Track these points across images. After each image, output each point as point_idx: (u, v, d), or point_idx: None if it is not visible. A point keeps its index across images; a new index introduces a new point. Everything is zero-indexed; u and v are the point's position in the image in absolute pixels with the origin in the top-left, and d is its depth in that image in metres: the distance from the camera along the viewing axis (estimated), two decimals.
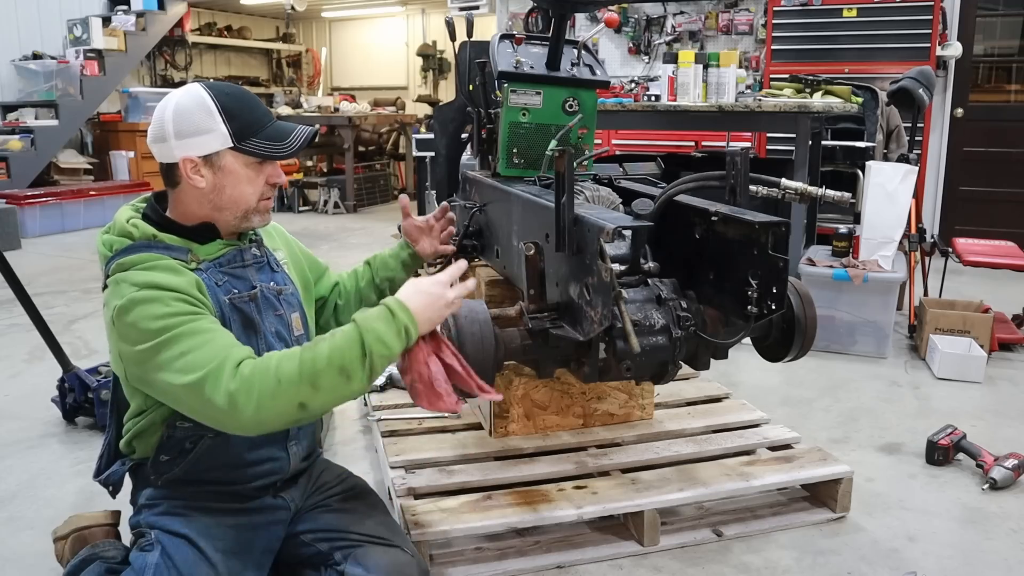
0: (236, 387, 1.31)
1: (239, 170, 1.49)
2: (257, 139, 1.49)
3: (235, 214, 1.52)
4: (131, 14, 7.91)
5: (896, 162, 3.73)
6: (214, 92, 1.47)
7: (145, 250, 1.45)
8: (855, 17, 5.28)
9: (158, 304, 1.36)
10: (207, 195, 1.49)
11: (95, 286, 4.81)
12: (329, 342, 1.37)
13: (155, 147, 1.49)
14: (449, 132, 2.76)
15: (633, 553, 1.93)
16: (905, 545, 2.00)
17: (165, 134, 1.46)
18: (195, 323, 1.37)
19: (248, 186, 1.51)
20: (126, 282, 1.40)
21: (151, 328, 1.35)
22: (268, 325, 1.56)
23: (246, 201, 1.51)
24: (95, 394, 2.62)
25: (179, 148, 1.46)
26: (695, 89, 3.97)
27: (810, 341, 1.82)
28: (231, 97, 1.48)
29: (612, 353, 1.65)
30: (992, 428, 2.71)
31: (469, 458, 2.17)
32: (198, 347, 1.35)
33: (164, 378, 1.35)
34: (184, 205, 1.51)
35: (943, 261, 3.90)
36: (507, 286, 2.26)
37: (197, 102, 1.46)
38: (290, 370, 1.33)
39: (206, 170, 1.47)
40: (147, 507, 1.57)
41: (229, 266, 1.54)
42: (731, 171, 1.63)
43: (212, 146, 1.46)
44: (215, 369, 1.33)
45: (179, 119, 1.45)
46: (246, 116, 1.48)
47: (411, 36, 10.47)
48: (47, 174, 7.21)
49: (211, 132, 1.45)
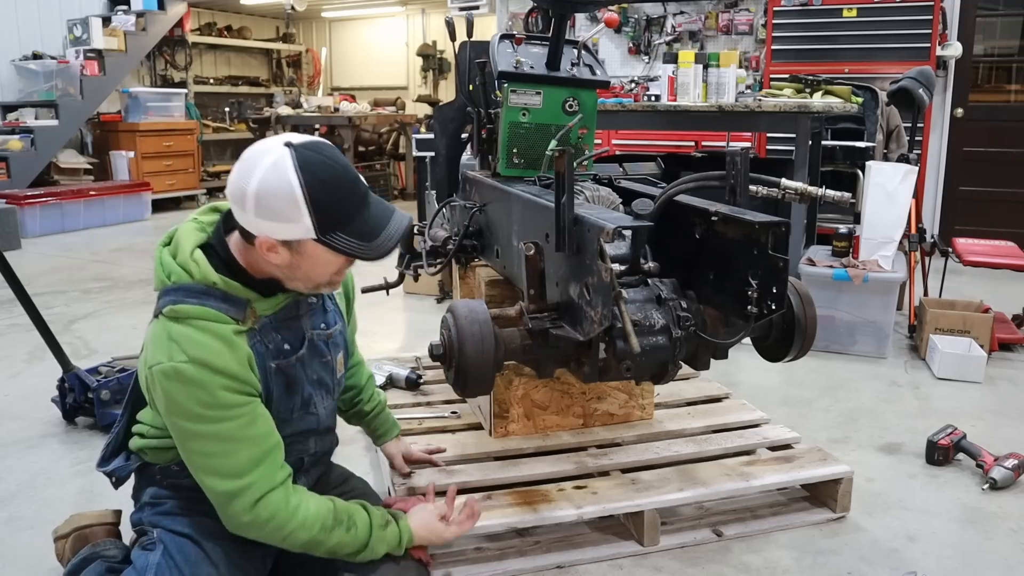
0: (248, 521, 1.42)
1: (320, 256, 1.39)
2: (344, 235, 1.36)
3: (306, 286, 1.48)
4: (131, 14, 7.90)
5: (896, 162, 3.73)
6: (304, 176, 1.32)
7: (204, 300, 1.39)
8: (855, 17, 5.28)
9: (203, 391, 1.36)
10: (281, 268, 1.42)
11: (95, 286, 4.81)
12: (340, 536, 1.48)
13: (233, 206, 1.39)
14: (449, 132, 2.76)
15: (633, 553, 1.93)
16: (905, 545, 2.00)
17: (244, 205, 1.34)
18: (230, 424, 1.39)
19: (325, 268, 1.43)
20: (178, 343, 1.36)
21: (190, 412, 1.37)
22: (311, 374, 1.57)
23: (321, 278, 1.46)
24: (95, 394, 2.62)
25: (257, 226, 1.36)
26: (695, 89, 3.97)
27: (810, 341, 1.82)
28: (323, 184, 1.33)
29: (612, 353, 1.65)
30: (992, 428, 2.71)
31: (469, 458, 2.17)
32: (226, 455, 1.39)
33: (186, 456, 1.43)
34: (255, 261, 1.44)
35: (943, 261, 3.90)
36: (507, 286, 2.26)
37: (284, 188, 1.31)
38: (299, 539, 1.45)
39: (283, 250, 1.38)
40: (150, 505, 1.57)
41: (284, 320, 1.51)
42: (731, 171, 1.63)
43: (293, 235, 1.35)
44: (235, 492, 1.40)
45: (261, 200, 1.32)
46: (335, 208, 1.35)
47: (411, 36, 10.46)
48: (47, 174, 7.21)
49: (294, 223, 1.33)
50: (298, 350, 1.53)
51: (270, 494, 1.41)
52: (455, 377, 1.81)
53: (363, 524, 1.52)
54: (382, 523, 1.55)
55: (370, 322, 3.92)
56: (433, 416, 2.45)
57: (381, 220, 1.42)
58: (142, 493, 1.61)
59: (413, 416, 2.43)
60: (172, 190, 8.09)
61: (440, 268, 2.38)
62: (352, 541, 1.49)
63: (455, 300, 1.97)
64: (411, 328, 4.05)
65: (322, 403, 1.62)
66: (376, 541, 1.53)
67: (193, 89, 8.96)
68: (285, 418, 1.53)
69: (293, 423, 1.56)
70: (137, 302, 4.43)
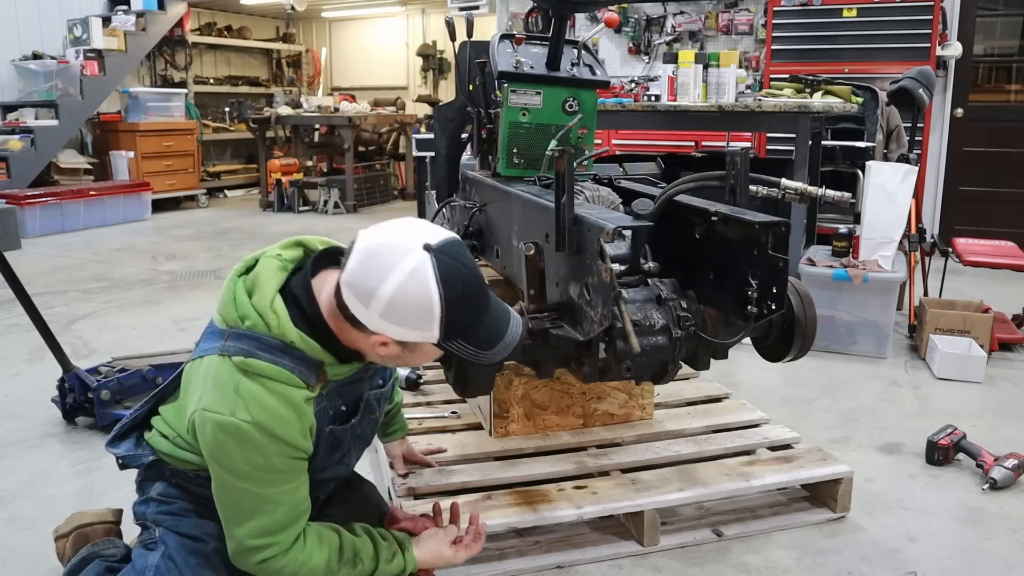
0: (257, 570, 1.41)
1: (431, 353, 1.39)
2: (463, 342, 1.36)
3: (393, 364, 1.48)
4: (131, 14, 7.90)
5: (896, 162, 3.73)
6: (445, 290, 1.28)
7: (279, 358, 1.34)
8: (855, 17, 5.28)
9: (258, 454, 1.33)
10: (383, 358, 1.39)
11: (95, 286, 4.81)
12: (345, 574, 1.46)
13: (350, 296, 1.31)
14: (449, 132, 2.76)
15: (633, 553, 1.93)
16: (905, 545, 2.00)
17: (370, 304, 1.29)
18: (274, 489, 1.38)
19: (428, 359, 1.44)
20: (244, 401, 1.32)
21: (238, 469, 1.35)
22: (357, 431, 1.57)
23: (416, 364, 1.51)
24: (95, 394, 2.62)
25: (379, 326, 1.31)
26: (695, 89, 3.97)
27: (810, 341, 1.82)
28: (461, 298, 1.31)
29: (612, 353, 1.65)
30: (992, 428, 2.71)
31: (469, 458, 2.17)
32: (262, 513, 1.38)
33: (220, 501, 1.41)
34: (350, 336, 1.37)
35: (943, 261, 3.90)
36: (507, 286, 2.25)
37: (424, 301, 1.28)
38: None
39: (396, 347, 1.35)
40: (157, 501, 1.55)
41: (349, 383, 1.50)
42: (731, 171, 1.63)
43: (415, 339, 1.33)
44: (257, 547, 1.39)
45: (395, 306, 1.28)
46: (463, 320, 1.34)
47: (411, 36, 10.46)
48: (47, 174, 7.21)
49: (422, 331, 1.32)
50: (354, 415, 1.54)
51: (283, 555, 1.40)
52: (455, 377, 1.81)
53: (369, 558, 1.50)
54: (388, 557, 1.53)
55: None
56: (433, 416, 2.45)
57: (499, 328, 1.40)
58: (150, 486, 1.58)
59: (413, 416, 2.42)
60: (172, 190, 8.09)
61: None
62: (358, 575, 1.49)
63: None
64: None
65: (356, 454, 1.63)
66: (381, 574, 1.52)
67: (193, 89, 8.97)
68: (318, 470, 1.51)
69: (324, 472, 1.54)
70: (137, 302, 4.43)
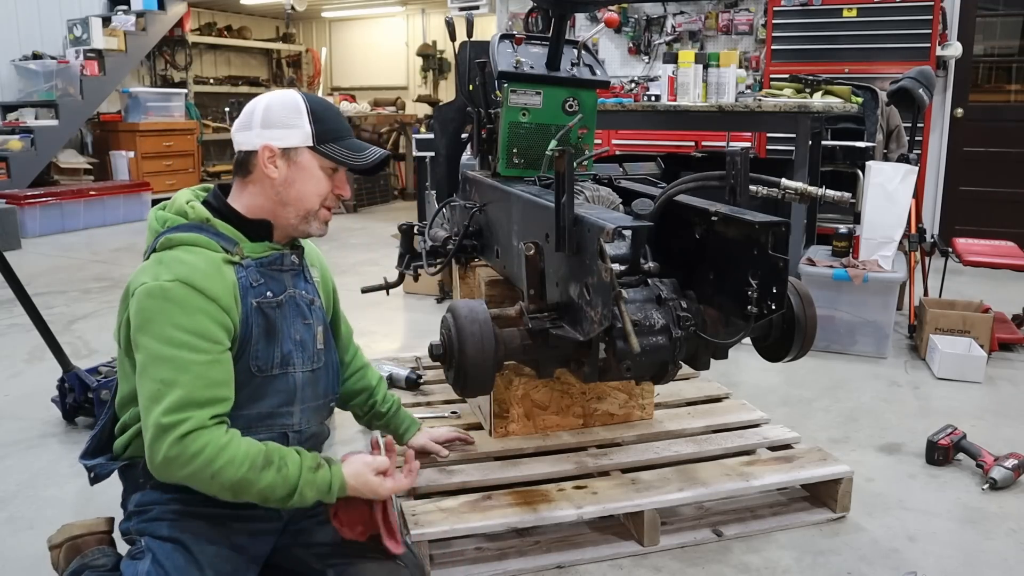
0: (175, 455, 1.37)
1: (313, 170, 1.55)
2: (336, 145, 1.56)
3: (297, 213, 1.57)
4: (131, 14, 7.90)
5: (896, 162, 3.73)
6: (306, 96, 1.56)
7: (197, 231, 1.49)
8: (855, 17, 5.28)
9: (181, 312, 1.40)
10: (276, 187, 1.54)
11: (95, 286, 4.81)
12: (272, 478, 1.42)
13: (238, 135, 1.56)
14: (449, 132, 2.76)
15: (633, 553, 1.93)
16: (905, 545, 2.00)
17: (252, 123, 1.54)
18: (194, 356, 1.40)
19: (316, 186, 1.56)
20: (165, 264, 1.43)
21: (161, 333, 1.39)
22: (292, 332, 1.57)
23: (310, 202, 1.57)
24: (95, 394, 2.62)
25: (261, 136, 1.53)
26: (695, 89, 3.97)
27: (810, 341, 1.82)
28: (321, 105, 1.58)
29: (612, 353, 1.65)
30: (992, 428, 2.71)
31: (469, 458, 2.16)
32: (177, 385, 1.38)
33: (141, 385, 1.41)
34: (250, 196, 1.56)
35: (943, 261, 3.90)
36: (507, 286, 2.26)
37: (289, 100, 1.55)
38: (227, 477, 1.39)
39: (281, 162, 1.53)
40: (137, 513, 1.55)
41: (269, 267, 1.56)
42: (731, 171, 1.63)
43: (293, 141, 1.53)
44: (170, 424, 1.36)
45: (268, 111, 1.54)
46: (331, 123, 1.56)
47: (411, 36, 10.46)
48: (47, 174, 7.21)
49: (295, 128, 1.53)
50: (279, 296, 1.56)
51: (202, 430, 1.38)
52: (455, 377, 1.81)
53: (294, 465, 1.45)
54: (313, 466, 1.48)
55: (370, 322, 3.92)
56: (433, 416, 2.45)
57: (363, 145, 1.63)
58: (128, 501, 1.59)
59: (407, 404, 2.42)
60: (172, 190, 8.00)
61: (440, 268, 2.38)
62: (282, 483, 1.43)
63: (455, 300, 1.97)
64: (411, 328, 4.05)
65: (302, 367, 1.59)
66: (305, 484, 1.45)
67: (193, 89, 8.96)
68: (265, 371, 1.52)
69: (275, 383, 1.54)
70: None
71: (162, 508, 1.54)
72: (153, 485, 1.54)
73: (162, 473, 1.39)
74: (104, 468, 1.61)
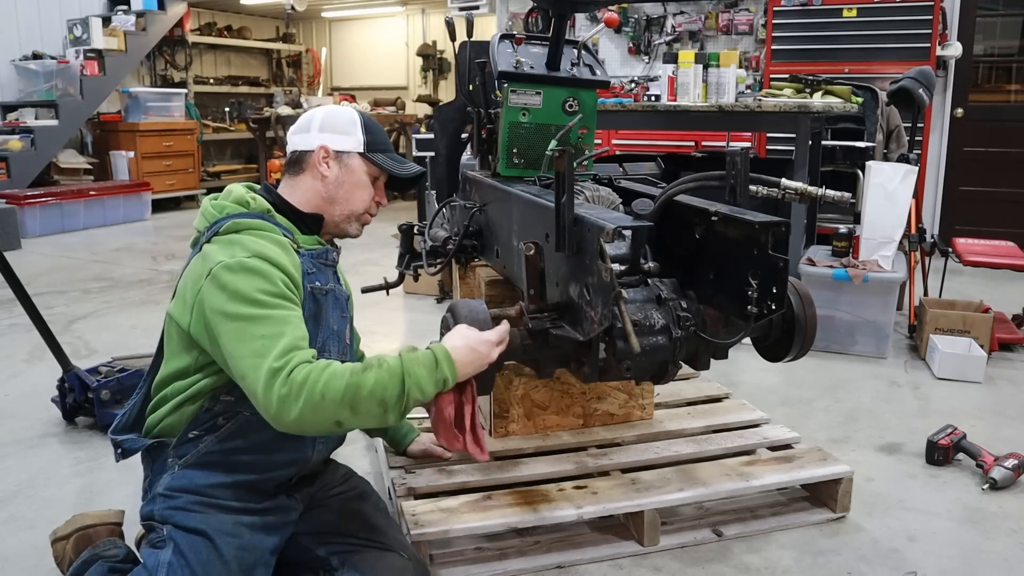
0: (286, 393, 1.37)
1: (360, 174, 1.71)
2: (383, 155, 1.73)
3: (343, 212, 1.70)
4: (131, 14, 7.90)
5: (896, 162, 3.73)
6: (360, 112, 1.75)
7: (260, 219, 1.59)
8: (855, 17, 5.28)
9: (264, 279, 1.47)
10: (327, 185, 1.68)
11: (95, 286, 4.81)
12: (375, 373, 1.42)
13: (295, 137, 1.72)
14: (449, 132, 2.75)
15: (633, 553, 1.93)
16: (905, 545, 2.00)
17: (311, 127, 1.70)
18: (286, 311, 1.47)
19: (361, 192, 1.71)
20: (239, 244, 1.52)
21: (250, 297, 1.45)
22: (332, 322, 1.67)
23: (355, 204, 1.71)
24: (95, 394, 2.62)
25: (320, 138, 1.68)
26: (695, 89, 3.97)
27: (810, 341, 1.82)
28: (372, 121, 1.75)
29: (612, 353, 1.65)
30: (992, 428, 2.71)
31: (469, 458, 2.16)
32: (279, 336, 1.42)
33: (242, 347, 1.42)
34: (302, 191, 1.69)
35: (943, 261, 3.90)
36: (507, 286, 2.25)
37: (345, 112, 1.73)
38: (335, 389, 1.38)
39: (334, 163, 1.68)
40: (163, 497, 1.55)
41: (318, 259, 1.66)
42: (731, 171, 1.63)
43: (347, 145, 1.69)
44: (278, 369, 1.38)
45: (327, 118, 1.71)
46: (379, 136, 1.74)
47: (411, 36, 10.46)
48: (47, 174, 7.21)
49: (350, 135, 1.70)
50: (326, 285, 1.66)
51: (304, 364, 1.40)
52: None
53: (391, 358, 1.46)
54: (409, 349, 1.50)
55: (370, 322, 3.92)
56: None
57: (404, 160, 1.78)
58: (155, 483, 1.59)
59: (413, 417, 2.42)
60: (172, 190, 8.09)
61: (440, 268, 2.38)
62: (389, 375, 1.42)
63: (455, 300, 1.96)
64: (411, 328, 4.05)
65: (335, 354, 1.66)
66: (410, 364, 1.45)
67: (193, 89, 8.96)
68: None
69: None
70: (137, 302, 4.43)
71: (190, 497, 1.54)
72: (183, 465, 1.56)
73: (281, 418, 1.38)
74: (133, 444, 1.62)
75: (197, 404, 1.56)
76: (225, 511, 1.54)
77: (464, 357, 1.52)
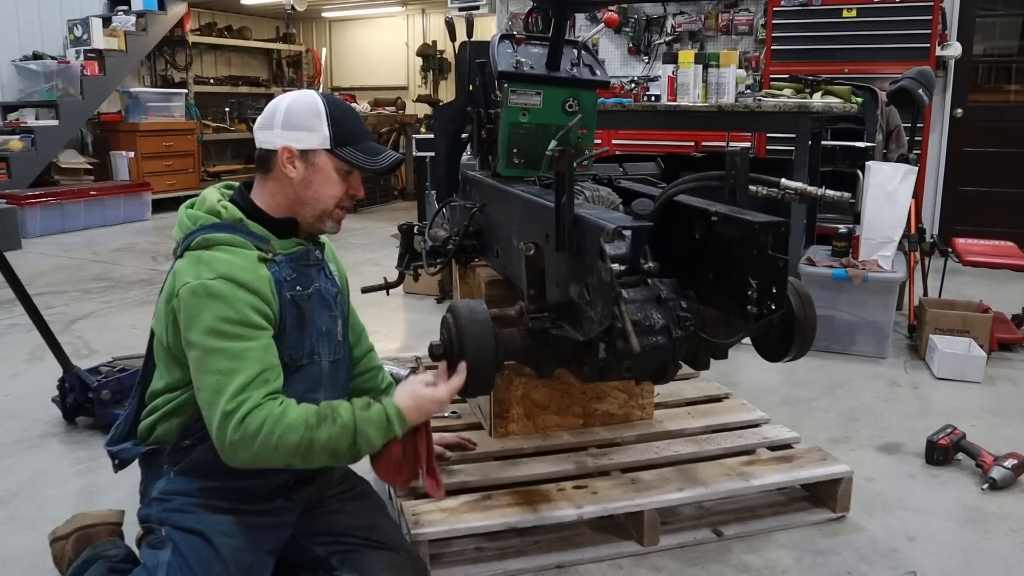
0: (238, 439, 1.42)
1: (328, 172, 1.60)
2: (352, 149, 1.61)
3: (313, 212, 1.62)
4: (131, 14, 7.90)
5: (896, 162, 3.73)
6: (326, 99, 1.61)
7: (231, 232, 1.55)
8: (855, 17, 5.27)
9: (228, 307, 1.46)
10: (294, 186, 1.60)
11: (95, 286, 4.81)
12: (328, 430, 1.47)
13: (260, 133, 1.62)
14: (449, 132, 2.76)
15: (633, 553, 1.93)
16: (905, 545, 2.00)
17: (273, 123, 1.59)
18: (245, 343, 1.46)
19: (331, 188, 1.61)
20: (206, 263, 1.49)
21: (209, 327, 1.45)
22: (319, 323, 1.64)
23: (325, 202, 1.62)
24: (95, 394, 2.62)
25: (282, 137, 1.58)
26: (695, 89, 3.97)
27: (810, 341, 1.82)
28: (340, 108, 1.62)
29: (612, 353, 1.65)
30: (992, 428, 2.71)
31: (469, 458, 2.17)
32: (236, 372, 1.44)
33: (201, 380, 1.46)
34: (271, 195, 1.62)
35: (943, 261, 3.90)
36: (507, 286, 2.26)
37: (309, 103, 1.59)
38: (290, 443, 1.43)
39: (300, 163, 1.59)
40: (159, 500, 1.56)
41: (298, 262, 1.63)
42: (731, 171, 1.63)
43: (311, 143, 1.58)
44: (231, 411, 1.42)
45: (289, 113, 1.58)
46: (348, 127, 1.61)
47: (411, 36, 10.46)
48: (47, 174, 7.20)
49: (314, 131, 1.58)
50: (308, 289, 1.63)
51: (258, 408, 1.43)
52: None
53: (346, 412, 1.50)
54: (363, 405, 1.53)
55: (370, 322, 3.89)
56: (433, 416, 2.44)
57: (379, 148, 1.67)
58: (150, 487, 1.60)
59: None
60: (172, 190, 8.08)
61: (440, 268, 2.38)
62: (341, 432, 1.48)
63: (455, 300, 1.97)
64: (411, 328, 4.05)
65: (327, 355, 1.65)
66: (362, 424, 1.50)
67: (193, 89, 8.96)
68: (296, 360, 1.59)
69: (303, 372, 1.60)
70: (137, 302, 4.43)
71: (185, 499, 1.55)
72: (178, 472, 1.57)
73: (234, 459, 1.44)
74: (129, 452, 1.64)
75: (189, 414, 1.56)
76: (221, 512, 1.54)
77: (414, 416, 1.58)
